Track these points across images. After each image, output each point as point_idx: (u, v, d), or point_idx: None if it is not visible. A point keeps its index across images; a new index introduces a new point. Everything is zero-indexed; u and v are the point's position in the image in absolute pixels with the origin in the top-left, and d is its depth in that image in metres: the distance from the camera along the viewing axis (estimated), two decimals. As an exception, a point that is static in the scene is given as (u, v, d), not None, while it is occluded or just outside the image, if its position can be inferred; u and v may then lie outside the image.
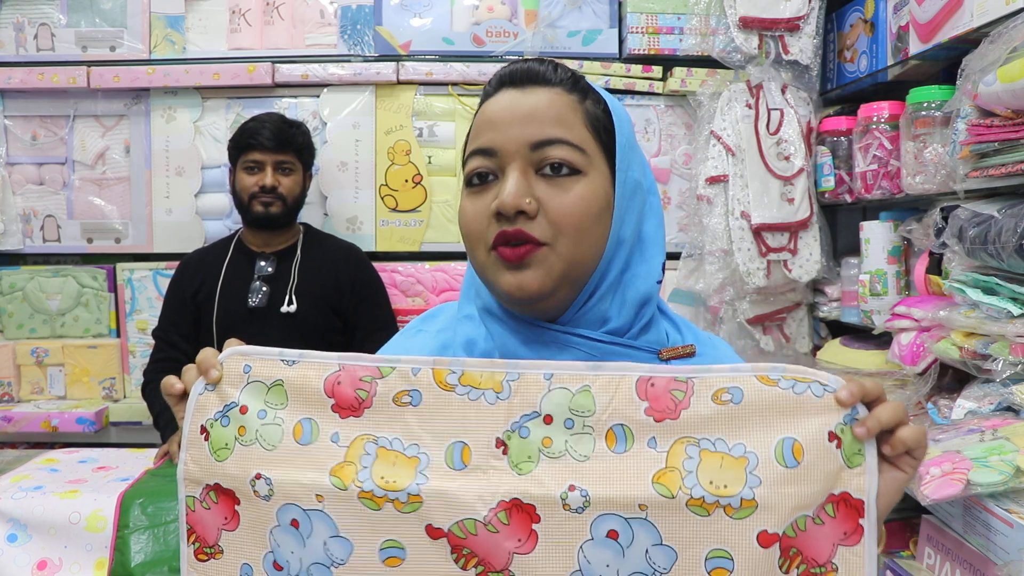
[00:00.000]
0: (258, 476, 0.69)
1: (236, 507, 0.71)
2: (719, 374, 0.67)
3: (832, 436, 0.65)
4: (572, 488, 0.66)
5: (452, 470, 0.68)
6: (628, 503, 0.65)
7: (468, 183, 0.75)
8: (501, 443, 0.68)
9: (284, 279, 1.94)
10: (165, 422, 1.83)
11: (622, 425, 0.67)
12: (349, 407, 0.70)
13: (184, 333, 1.95)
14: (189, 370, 0.74)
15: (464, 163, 0.76)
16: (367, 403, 0.70)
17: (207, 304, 1.93)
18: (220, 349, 0.72)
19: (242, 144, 1.93)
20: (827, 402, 0.65)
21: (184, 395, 0.73)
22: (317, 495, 0.68)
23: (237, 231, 2.05)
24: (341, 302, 1.97)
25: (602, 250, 0.74)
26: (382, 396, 0.70)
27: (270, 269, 1.95)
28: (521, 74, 0.75)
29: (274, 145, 1.92)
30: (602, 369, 0.68)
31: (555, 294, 0.72)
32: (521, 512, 0.66)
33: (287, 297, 1.91)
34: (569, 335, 0.74)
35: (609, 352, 0.74)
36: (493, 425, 0.68)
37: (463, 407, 0.68)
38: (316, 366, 0.71)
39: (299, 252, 1.99)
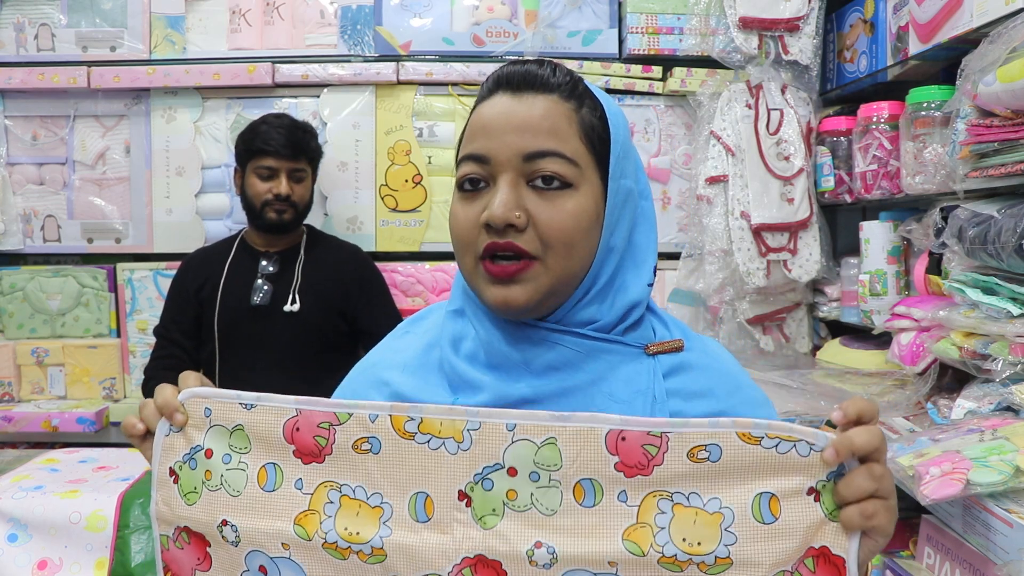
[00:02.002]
0: (224, 523, 0.69)
1: (208, 549, 0.71)
2: (697, 429, 0.63)
3: (811, 491, 0.62)
4: (539, 544, 0.64)
5: (416, 522, 0.67)
6: (597, 560, 0.63)
7: (460, 187, 0.75)
8: (464, 495, 0.66)
9: (287, 278, 1.94)
10: None
11: (591, 479, 0.64)
12: (310, 453, 0.69)
13: (186, 331, 1.95)
14: (147, 405, 0.72)
15: (457, 164, 0.76)
16: (327, 450, 0.69)
17: (209, 302, 1.93)
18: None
19: (254, 148, 1.91)
20: (812, 460, 0.62)
21: (147, 434, 0.72)
22: (283, 543, 0.68)
23: (240, 231, 2.05)
24: (347, 303, 1.97)
25: (591, 260, 0.74)
26: (341, 444, 0.68)
27: (273, 268, 1.95)
28: (518, 78, 0.74)
29: (289, 152, 1.91)
30: (569, 420, 0.65)
31: (541, 307, 0.73)
32: (486, 568, 0.65)
33: (290, 296, 1.91)
34: (555, 333, 0.74)
35: (595, 348, 0.74)
36: (455, 476, 0.66)
37: (423, 457, 0.67)
38: (274, 411, 0.70)
39: (303, 252, 1.98)
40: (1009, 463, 1.05)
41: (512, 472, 0.65)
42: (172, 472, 0.71)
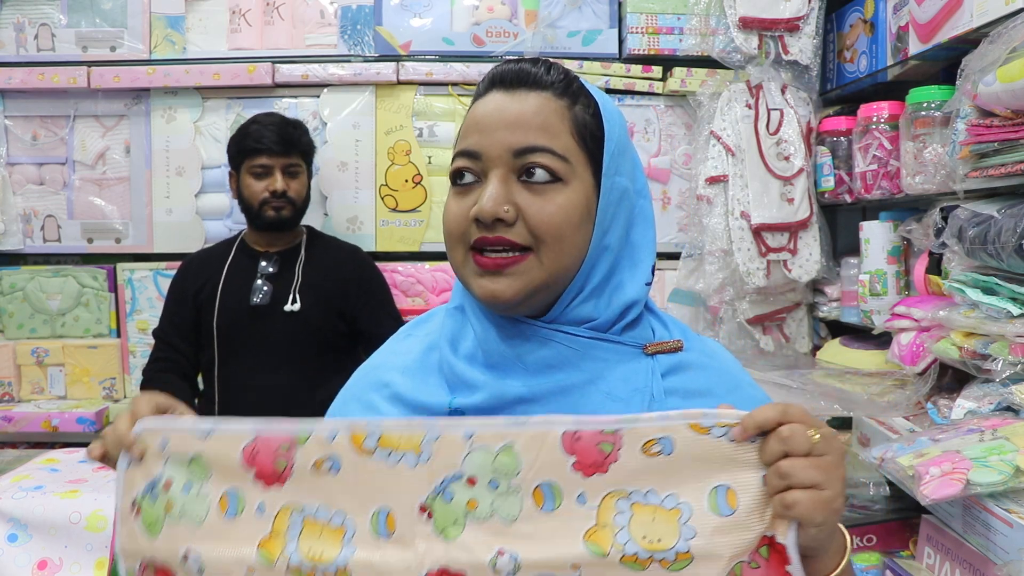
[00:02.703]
0: (186, 555, 0.69)
1: None
2: (648, 424, 0.64)
3: (766, 479, 0.63)
4: (501, 552, 0.64)
5: (378, 538, 0.67)
6: (560, 563, 0.64)
7: (453, 182, 0.75)
8: (425, 508, 0.66)
9: (287, 278, 1.94)
10: None
11: (549, 483, 0.65)
12: (271, 476, 0.69)
13: (183, 334, 1.95)
14: (106, 436, 0.73)
15: (452, 160, 0.77)
16: (287, 472, 0.68)
17: (208, 303, 1.92)
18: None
19: (246, 148, 1.91)
20: (760, 446, 0.63)
21: (103, 457, 0.72)
22: (248, 568, 0.68)
23: (240, 232, 2.05)
24: (347, 303, 1.97)
25: (583, 257, 0.74)
26: (301, 465, 0.68)
27: (273, 269, 1.94)
28: (512, 75, 0.74)
29: (281, 149, 1.91)
30: (525, 425, 0.65)
31: (530, 301, 0.73)
32: None
33: (291, 296, 1.90)
34: (551, 331, 0.74)
35: (592, 347, 0.74)
36: (416, 490, 0.66)
37: (384, 472, 0.67)
38: (231, 439, 0.69)
39: (303, 252, 1.98)
40: (1009, 463, 1.05)
41: (472, 481, 0.66)
42: (134, 505, 0.71)
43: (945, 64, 1.72)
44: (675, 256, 2.22)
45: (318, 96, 2.26)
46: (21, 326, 2.27)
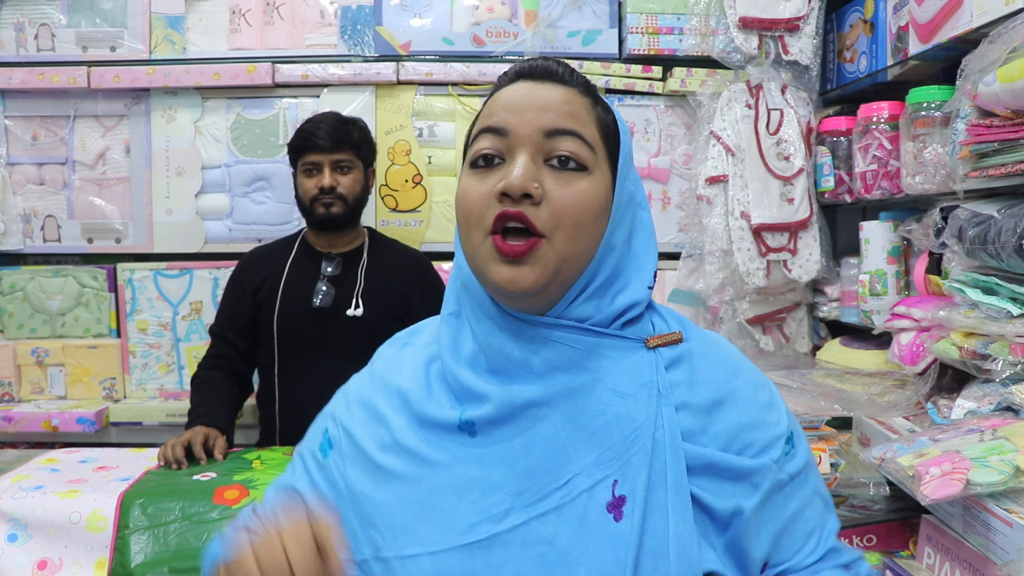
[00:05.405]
0: None
1: None
2: None
3: None
4: None
5: None
6: None
7: (473, 164, 0.75)
8: None
9: (350, 282, 1.90)
10: (192, 420, 1.78)
11: None
12: None
13: (240, 330, 1.92)
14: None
15: (469, 144, 0.76)
16: None
17: (268, 302, 1.90)
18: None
19: (299, 147, 1.90)
20: None
21: None
22: None
23: (301, 230, 2.02)
24: (408, 311, 1.91)
25: (594, 251, 0.74)
26: None
27: (335, 271, 1.91)
28: (539, 70, 0.77)
29: (329, 144, 1.87)
30: None
31: (546, 290, 0.72)
32: None
33: (354, 301, 1.88)
34: (553, 329, 0.74)
35: (595, 344, 0.74)
36: None
37: None
38: None
39: (366, 256, 1.95)
40: (1009, 463, 1.05)
41: None
42: None
43: (945, 64, 1.72)
44: (675, 256, 2.22)
45: (318, 96, 2.26)
46: (21, 326, 2.27)
